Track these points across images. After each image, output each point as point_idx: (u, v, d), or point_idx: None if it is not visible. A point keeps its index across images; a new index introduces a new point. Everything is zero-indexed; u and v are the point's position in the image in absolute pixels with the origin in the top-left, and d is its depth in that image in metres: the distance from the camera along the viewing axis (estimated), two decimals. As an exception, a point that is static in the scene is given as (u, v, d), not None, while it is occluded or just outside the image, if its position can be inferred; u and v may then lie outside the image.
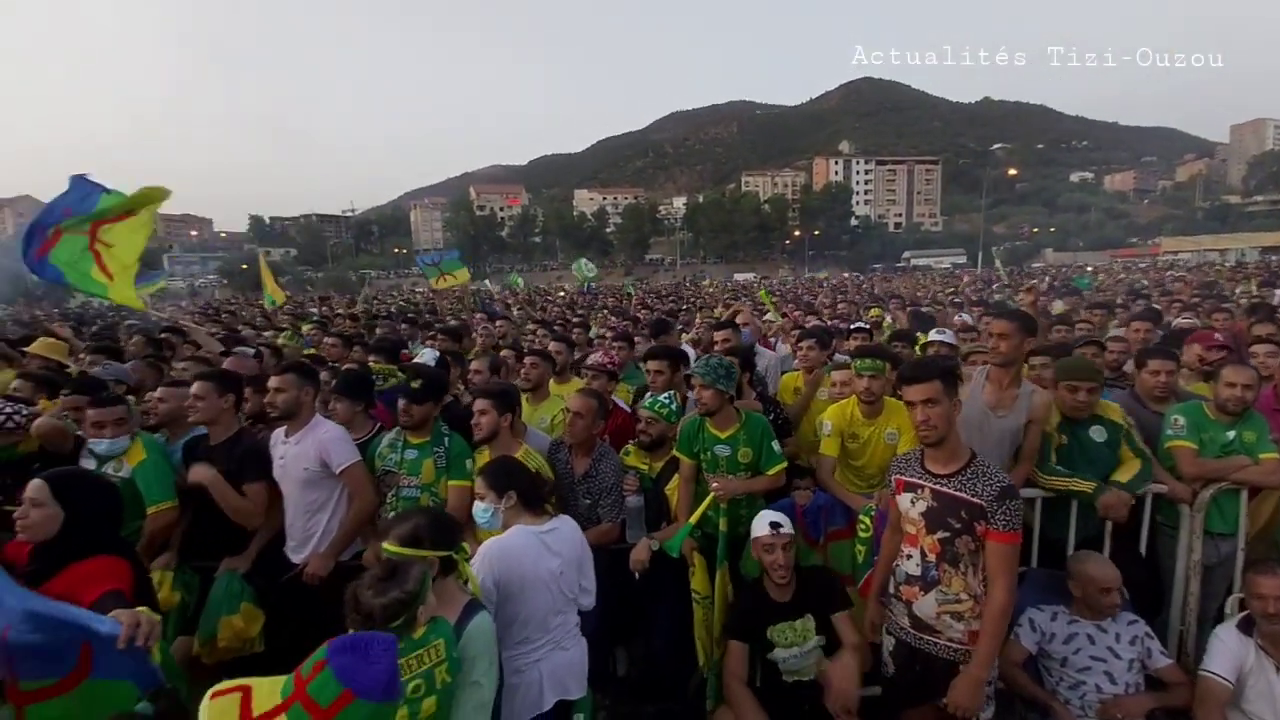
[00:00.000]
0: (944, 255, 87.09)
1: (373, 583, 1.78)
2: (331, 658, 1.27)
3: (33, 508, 2.17)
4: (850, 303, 10.92)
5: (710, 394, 3.06)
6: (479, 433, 3.14)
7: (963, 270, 62.56)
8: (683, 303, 16.01)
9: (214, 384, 3.26)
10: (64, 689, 2.08)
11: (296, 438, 3.14)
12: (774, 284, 41.88)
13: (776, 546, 2.75)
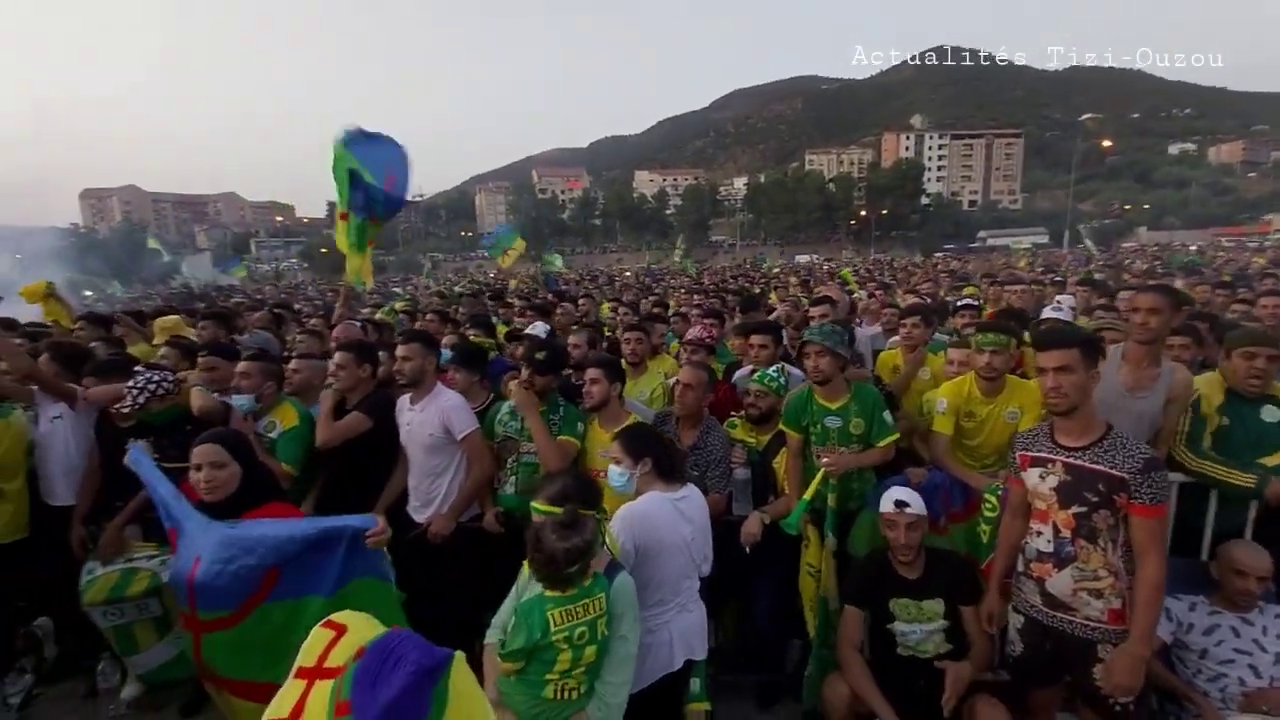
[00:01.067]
0: (1024, 235, 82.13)
1: (556, 529, 1.90)
2: (367, 653, 1.13)
3: (216, 469, 2.38)
4: (932, 281, 10.49)
5: (827, 360, 3.03)
6: (590, 400, 3.24)
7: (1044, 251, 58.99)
8: (752, 284, 15.78)
9: (354, 354, 3.49)
10: (236, 620, 2.32)
11: (421, 405, 3.32)
12: (839, 265, 40.79)
13: (900, 524, 2.70)
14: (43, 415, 3.66)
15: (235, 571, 2.24)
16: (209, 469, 2.37)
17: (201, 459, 2.37)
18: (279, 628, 2.29)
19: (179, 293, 23.95)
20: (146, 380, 3.31)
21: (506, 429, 3.38)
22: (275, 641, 2.27)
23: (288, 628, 2.27)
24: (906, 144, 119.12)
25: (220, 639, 2.32)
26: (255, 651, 2.31)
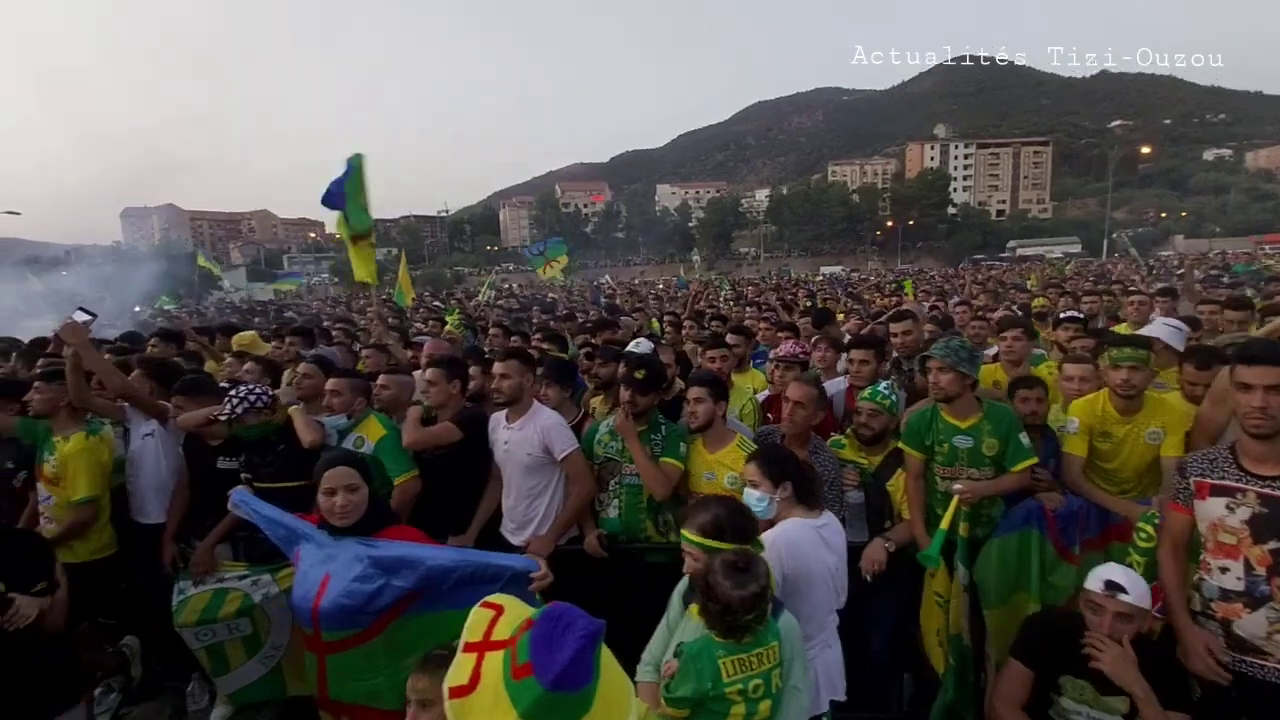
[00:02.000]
0: (1055, 244, 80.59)
1: (728, 572, 1.74)
2: (538, 621, 1.23)
3: (350, 493, 2.30)
4: (991, 293, 10.19)
5: (950, 377, 2.85)
6: (695, 420, 3.10)
7: (1077, 259, 57.69)
8: (794, 298, 15.55)
9: (445, 370, 3.41)
10: (364, 639, 2.22)
11: (519, 424, 3.21)
12: (859, 276, 40.18)
13: (1106, 611, 2.19)
14: (134, 432, 3.63)
15: (373, 592, 2.15)
16: (344, 493, 2.27)
17: (335, 483, 2.28)
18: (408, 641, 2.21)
19: (239, 308, 24.52)
20: (248, 391, 3.26)
21: (607, 450, 3.25)
22: (402, 650, 2.22)
23: (416, 642, 2.19)
24: (931, 154, 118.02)
25: (345, 659, 2.24)
26: (379, 668, 2.24)
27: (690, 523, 1.95)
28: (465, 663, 1.25)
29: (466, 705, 1.18)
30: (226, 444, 3.57)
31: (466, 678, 1.22)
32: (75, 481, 3.35)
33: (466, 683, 1.21)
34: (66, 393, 3.47)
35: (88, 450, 3.40)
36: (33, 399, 3.46)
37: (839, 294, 13.44)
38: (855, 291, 14.46)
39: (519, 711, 1.13)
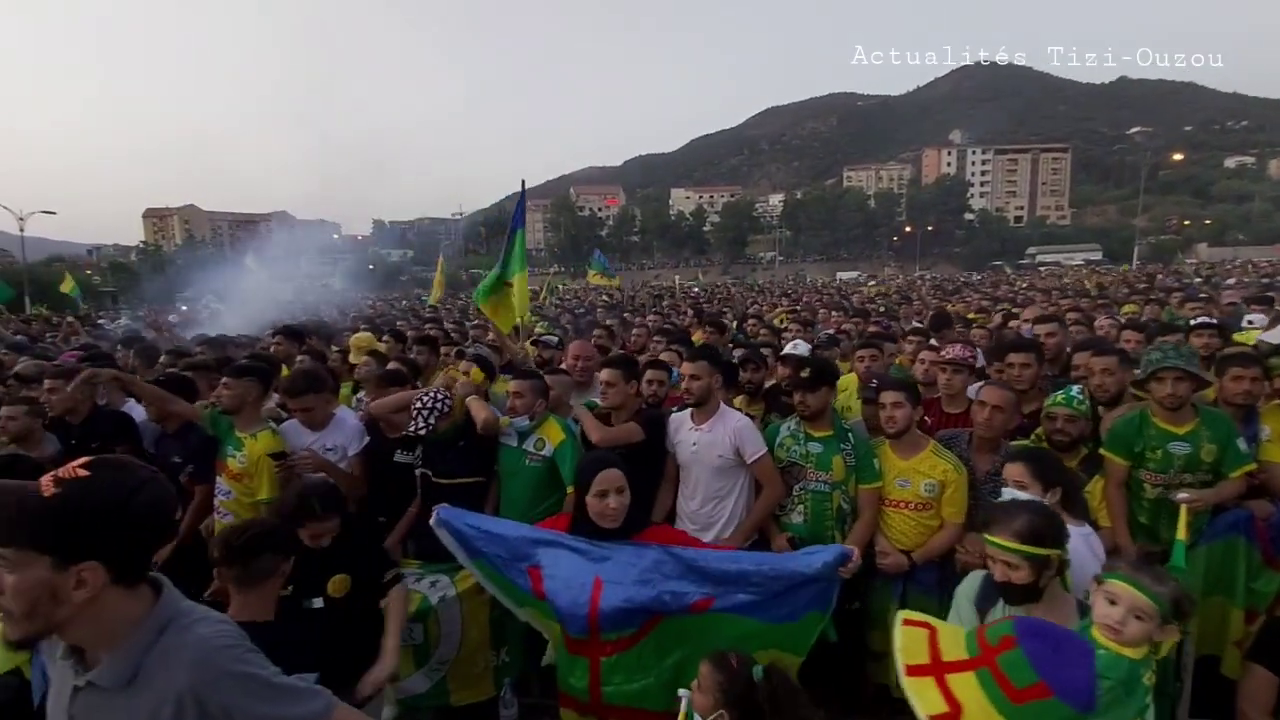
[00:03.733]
0: (1075, 251, 79.97)
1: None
2: (1022, 638, 1.25)
3: (621, 495, 2.29)
4: (1055, 305, 10.04)
5: (1186, 386, 2.81)
6: (894, 426, 3.07)
7: (1095, 266, 57.15)
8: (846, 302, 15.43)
9: (621, 370, 3.39)
10: (637, 639, 2.21)
11: (708, 425, 3.19)
12: (881, 281, 39.95)
13: None
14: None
15: (655, 596, 2.13)
16: (615, 495, 2.26)
17: (609, 485, 2.26)
18: (671, 641, 2.19)
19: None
20: (432, 400, 3.26)
21: (790, 454, 3.21)
22: (666, 649, 2.22)
23: (679, 642, 2.17)
24: (948, 160, 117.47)
25: (619, 660, 2.23)
26: (649, 667, 2.24)
27: (1003, 528, 1.90)
28: (927, 688, 1.22)
29: None
30: (404, 437, 3.57)
31: (943, 705, 1.19)
32: (262, 481, 3.34)
33: (947, 710, 1.18)
34: (254, 389, 3.49)
35: (277, 450, 3.41)
36: (221, 394, 3.48)
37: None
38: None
39: None
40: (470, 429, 3.46)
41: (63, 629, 1.15)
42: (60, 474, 1.14)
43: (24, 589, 1.10)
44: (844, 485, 3.10)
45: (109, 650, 1.19)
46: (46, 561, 1.10)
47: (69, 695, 1.20)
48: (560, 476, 3.30)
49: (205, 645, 1.23)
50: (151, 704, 1.17)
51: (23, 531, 1.08)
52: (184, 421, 3.77)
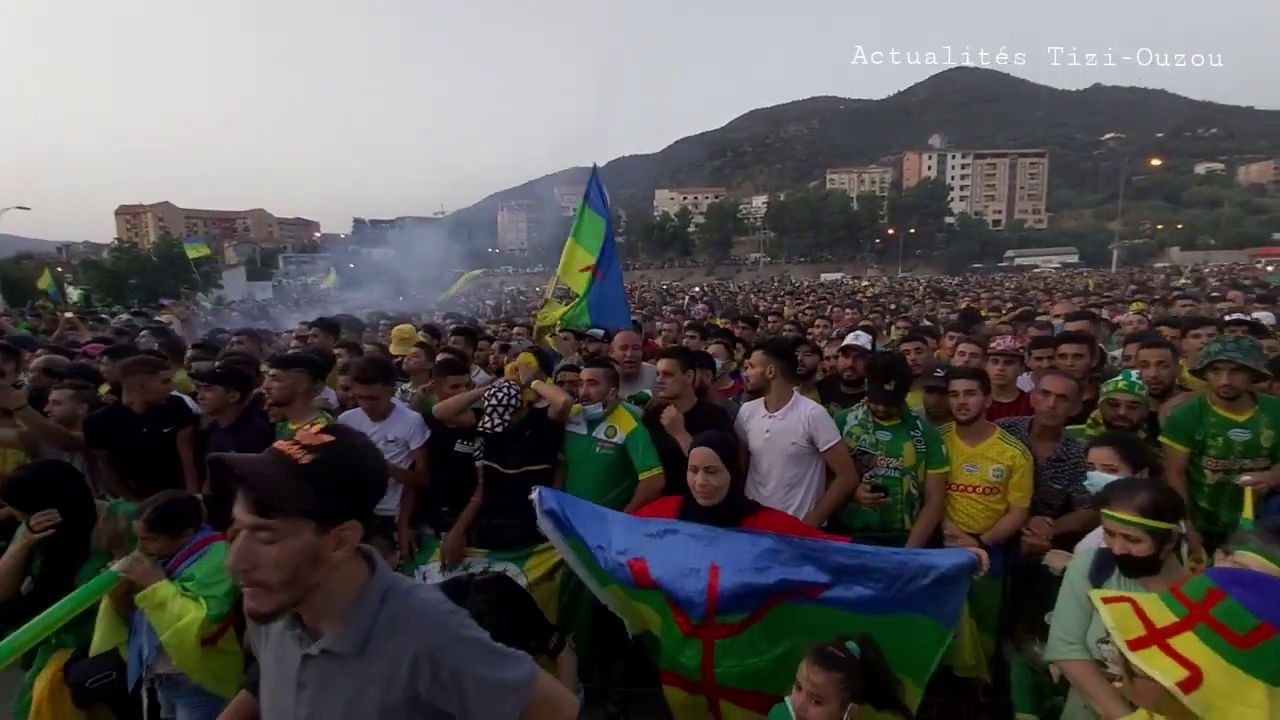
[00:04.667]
0: (1053, 254, 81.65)
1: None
2: (1228, 587, 1.25)
3: (711, 475, 2.31)
4: (1068, 300, 10.25)
5: (1243, 378, 2.92)
6: (966, 413, 3.15)
7: (1077, 269, 58.42)
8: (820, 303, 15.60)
9: (679, 360, 3.43)
10: (752, 622, 2.24)
11: (781, 413, 3.23)
12: (874, 281, 40.50)
13: None
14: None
15: (775, 581, 2.16)
16: (704, 474, 2.29)
17: (698, 462, 2.29)
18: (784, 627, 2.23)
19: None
20: (506, 395, 3.26)
21: (859, 443, 3.28)
22: (779, 635, 2.25)
23: (791, 628, 2.21)
24: (929, 163, 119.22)
25: (733, 643, 2.26)
26: (761, 651, 2.27)
27: (1125, 503, 1.97)
28: (1156, 658, 1.23)
29: (1207, 694, 1.17)
30: (462, 427, 3.57)
31: (1181, 670, 1.19)
32: None
33: (1187, 674, 1.19)
34: (303, 380, 3.46)
35: None
36: (270, 386, 3.44)
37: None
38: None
39: (1263, 675, 1.15)
40: (536, 418, 3.47)
41: (306, 597, 1.16)
42: (305, 441, 1.15)
43: (288, 557, 1.11)
44: (914, 471, 3.17)
45: (337, 618, 1.20)
46: (311, 527, 1.12)
47: (297, 664, 1.21)
48: (630, 464, 3.33)
49: (435, 610, 1.25)
50: (385, 668, 1.19)
51: (292, 499, 1.09)
52: (241, 413, 3.73)
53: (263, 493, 1.09)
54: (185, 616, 2.26)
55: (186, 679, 2.38)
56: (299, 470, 1.11)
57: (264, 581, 1.12)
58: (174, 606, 2.27)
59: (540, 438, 3.43)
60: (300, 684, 1.21)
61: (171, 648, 2.27)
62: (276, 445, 1.16)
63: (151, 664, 2.31)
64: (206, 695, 2.42)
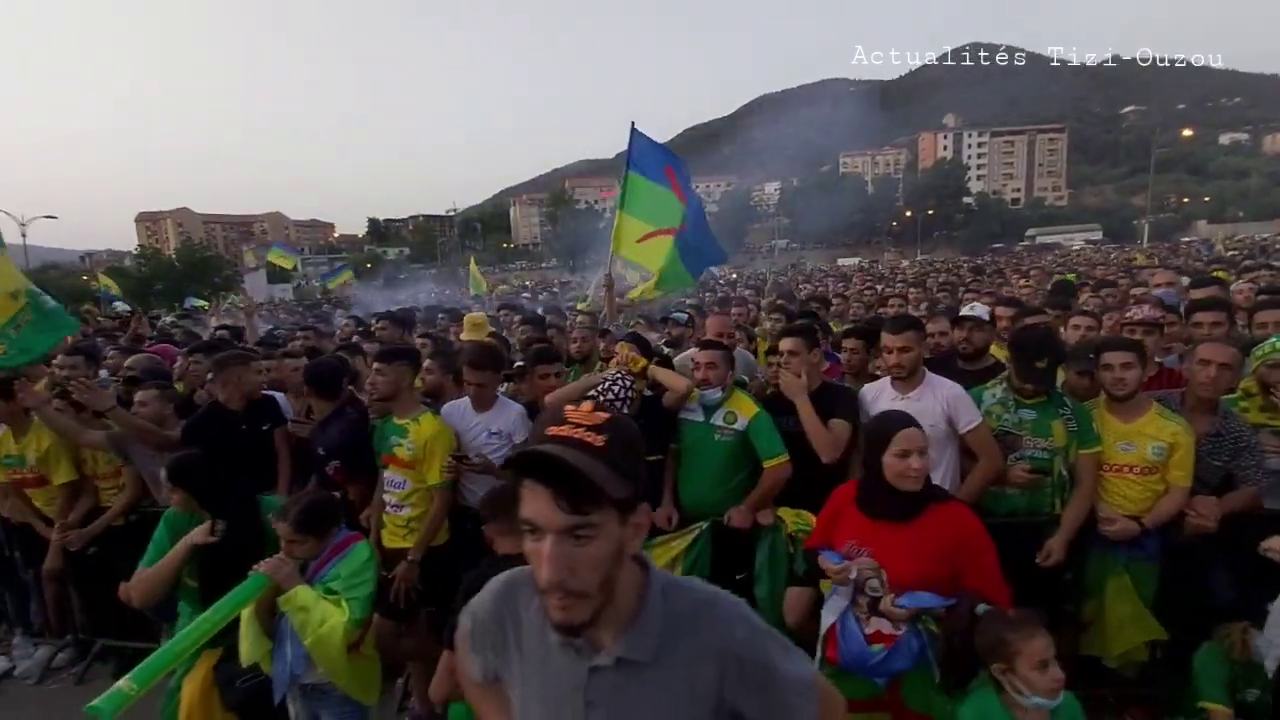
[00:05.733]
0: (1076, 232, 79.97)
1: None
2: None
3: (924, 457, 2.14)
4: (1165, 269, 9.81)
5: None
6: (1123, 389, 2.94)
7: (1103, 245, 57.10)
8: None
9: (804, 339, 3.26)
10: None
11: (916, 394, 3.05)
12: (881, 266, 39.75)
13: None
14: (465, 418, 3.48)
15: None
16: (918, 457, 2.11)
17: (911, 445, 2.11)
18: None
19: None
20: (621, 386, 3.11)
21: (1001, 423, 3.08)
22: None
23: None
24: (944, 143, 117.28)
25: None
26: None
27: None
28: None
29: None
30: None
31: None
32: (432, 465, 3.18)
33: None
34: (407, 373, 3.33)
35: (444, 432, 3.25)
36: (375, 381, 3.32)
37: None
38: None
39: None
40: (648, 406, 3.32)
41: (610, 601, 1.00)
42: (587, 422, 0.98)
43: (603, 555, 0.95)
44: (1065, 451, 2.97)
45: (622, 622, 1.03)
46: (615, 517, 0.96)
47: (582, 678, 1.04)
48: (753, 451, 3.17)
49: (723, 603, 1.09)
50: (684, 673, 1.03)
51: (610, 487, 0.92)
52: (332, 410, 3.61)
53: (594, 482, 0.91)
54: (329, 621, 2.14)
55: (333, 688, 2.26)
56: (598, 454, 0.93)
57: (582, 590, 0.95)
58: (317, 611, 2.15)
59: (653, 427, 3.26)
60: (589, 702, 1.04)
61: (317, 654, 2.15)
62: (556, 431, 0.99)
63: (299, 673, 2.19)
64: (353, 704, 2.31)
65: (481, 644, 1.18)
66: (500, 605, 1.15)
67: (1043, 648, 1.78)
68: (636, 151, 5.08)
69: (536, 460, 0.95)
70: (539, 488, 0.94)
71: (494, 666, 1.17)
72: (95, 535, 3.83)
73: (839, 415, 3.15)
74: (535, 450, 0.95)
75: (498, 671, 1.18)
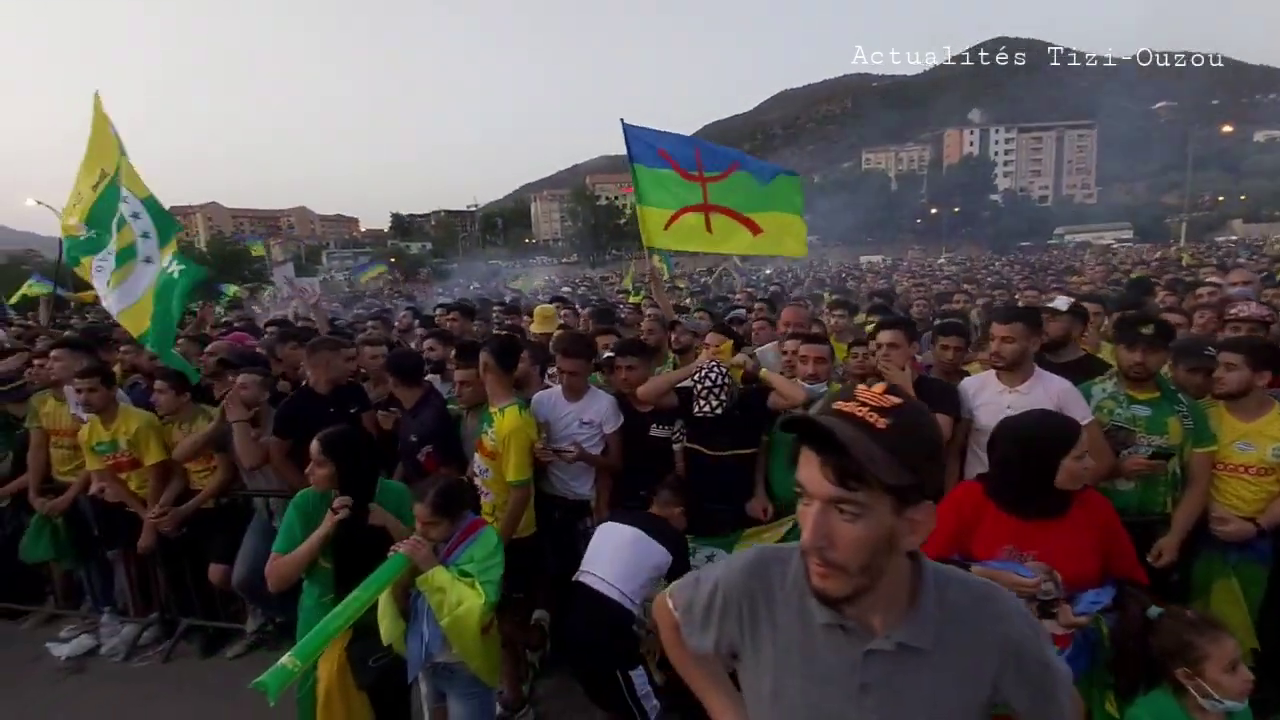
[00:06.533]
0: (1106, 230, 78.25)
1: None
2: None
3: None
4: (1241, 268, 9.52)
5: None
6: (1224, 387, 2.89)
7: (1136, 244, 55.80)
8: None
9: (904, 331, 3.23)
10: None
11: (1026, 387, 2.99)
12: (905, 264, 39.06)
13: None
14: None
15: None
16: (1086, 455, 2.08)
17: (1084, 446, 2.08)
18: None
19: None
20: (719, 375, 3.11)
21: (1113, 417, 3.02)
22: None
23: None
24: (970, 139, 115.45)
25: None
26: None
27: None
28: None
29: None
30: (657, 410, 3.43)
31: None
32: (508, 461, 3.15)
33: None
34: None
35: (522, 428, 3.21)
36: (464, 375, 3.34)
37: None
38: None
39: None
40: (746, 399, 3.30)
41: (871, 586, 1.00)
42: (873, 402, 0.97)
43: (868, 537, 0.94)
44: (1181, 449, 2.90)
45: (898, 609, 1.03)
46: (889, 504, 0.94)
47: (855, 661, 1.04)
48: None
49: (1010, 599, 1.10)
50: (963, 659, 1.03)
51: (878, 469, 0.90)
52: (420, 397, 3.65)
53: (860, 459, 0.90)
54: (465, 602, 2.16)
55: (462, 668, 2.28)
56: (877, 436, 0.92)
57: (840, 563, 0.95)
58: (454, 592, 2.17)
59: (750, 419, 3.26)
60: (864, 685, 1.04)
61: (453, 634, 2.17)
62: (841, 406, 0.98)
63: (435, 652, 2.21)
64: (480, 686, 2.33)
65: (723, 617, 1.17)
66: (752, 581, 1.15)
67: (1231, 649, 1.74)
68: (633, 145, 5.11)
69: (809, 427, 0.96)
70: (811, 454, 0.96)
71: (734, 640, 1.17)
72: (188, 517, 3.91)
73: (938, 410, 3.09)
74: (808, 417, 0.97)
75: (736, 646, 1.17)
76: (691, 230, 4.94)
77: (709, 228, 4.92)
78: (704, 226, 4.93)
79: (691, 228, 4.93)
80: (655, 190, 5.03)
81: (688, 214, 4.96)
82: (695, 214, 5.02)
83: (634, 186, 5.23)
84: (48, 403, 4.29)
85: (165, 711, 3.66)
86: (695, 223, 4.94)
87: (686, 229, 4.95)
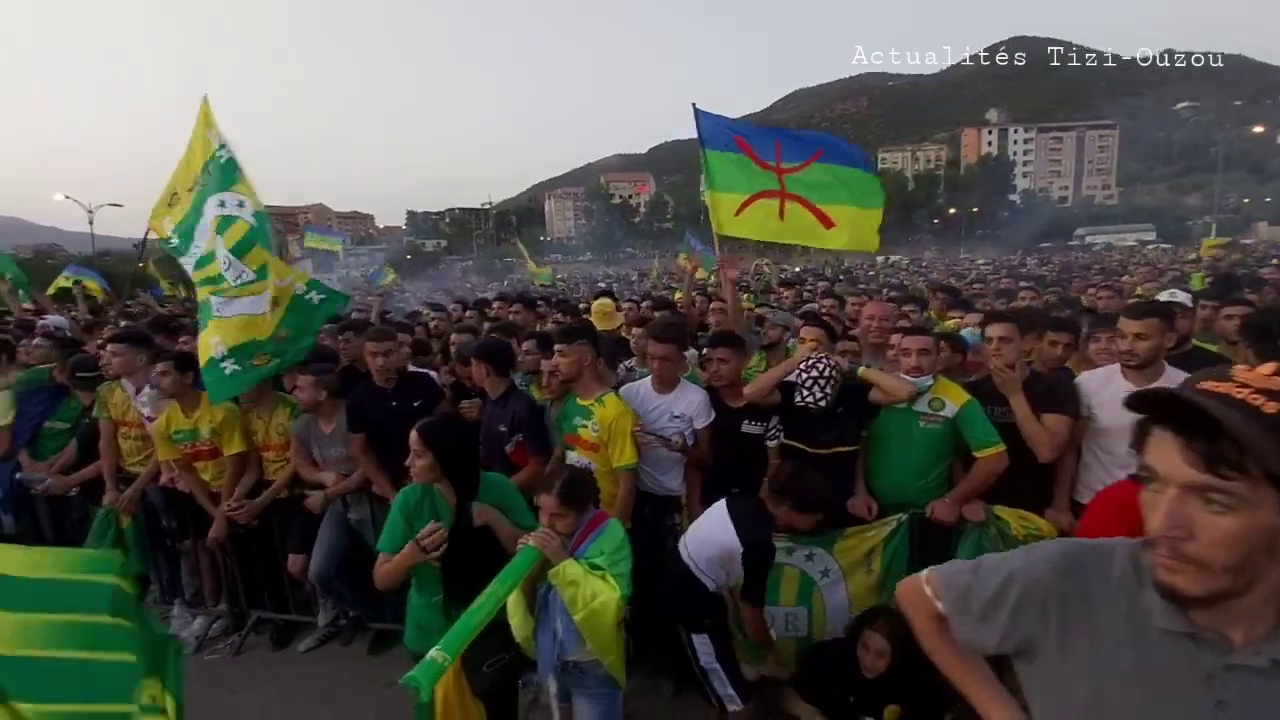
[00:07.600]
0: (1128, 231, 77.04)
1: None
2: None
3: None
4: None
5: None
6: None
7: (1160, 245, 54.86)
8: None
9: (1016, 325, 3.10)
10: None
11: (1157, 385, 2.87)
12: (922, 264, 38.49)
13: None
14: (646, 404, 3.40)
15: None
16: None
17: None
18: None
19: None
20: (826, 366, 3.01)
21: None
22: None
23: None
24: (989, 139, 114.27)
25: None
26: None
27: None
28: None
29: None
30: (750, 406, 3.32)
31: None
32: (617, 446, 3.11)
33: None
34: (588, 353, 3.26)
35: (626, 412, 3.16)
36: (559, 363, 3.26)
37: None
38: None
39: None
40: (848, 393, 3.19)
41: (1238, 593, 0.89)
42: (1258, 384, 0.85)
43: (1243, 535, 0.82)
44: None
45: (1263, 620, 0.90)
46: (1274, 500, 0.82)
47: (1210, 673, 0.93)
48: (956, 441, 3.03)
49: None
50: None
51: (1267, 458, 0.79)
52: (506, 387, 3.57)
53: (1245, 444, 0.78)
54: (600, 596, 2.07)
55: (594, 667, 2.20)
56: (1267, 422, 0.80)
57: (1201, 558, 0.84)
58: (587, 585, 2.08)
59: (852, 415, 3.15)
60: (1222, 700, 0.93)
61: (588, 630, 2.09)
62: (1213, 387, 0.86)
63: (570, 650, 2.12)
64: (610, 685, 2.24)
65: (1017, 612, 1.07)
66: (1064, 581, 1.05)
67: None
68: (704, 130, 4.94)
69: (1172, 405, 0.85)
70: (1167, 435, 0.86)
71: (1031, 640, 1.07)
72: (263, 508, 3.86)
73: (1056, 409, 2.98)
74: (1177, 394, 0.85)
75: (1031, 645, 1.07)
76: (765, 217, 4.79)
77: (782, 215, 4.78)
78: (778, 214, 4.78)
79: (765, 214, 4.79)
80: (727, 173, 4.88)
81: (761, 199, 4.81)
82: (770, 199, 4.87)
83: (704, 172, 5.06)
84: (115, 392, 4.24)
85: (243, 705, 3.61)
86: (769, 209, 4.79)
87: (760, 215, 4.81)
